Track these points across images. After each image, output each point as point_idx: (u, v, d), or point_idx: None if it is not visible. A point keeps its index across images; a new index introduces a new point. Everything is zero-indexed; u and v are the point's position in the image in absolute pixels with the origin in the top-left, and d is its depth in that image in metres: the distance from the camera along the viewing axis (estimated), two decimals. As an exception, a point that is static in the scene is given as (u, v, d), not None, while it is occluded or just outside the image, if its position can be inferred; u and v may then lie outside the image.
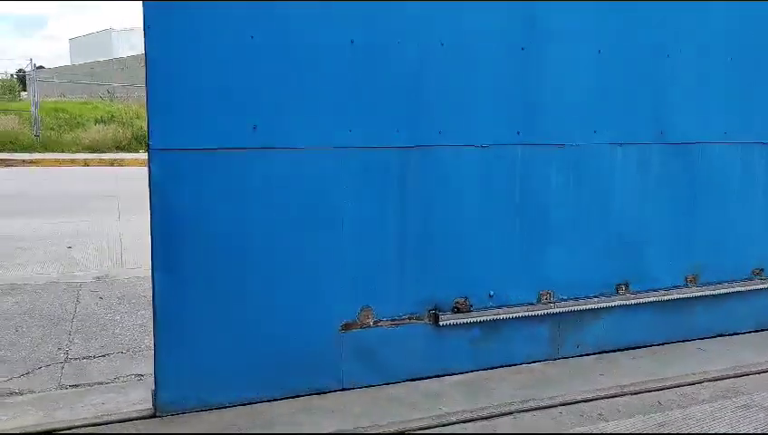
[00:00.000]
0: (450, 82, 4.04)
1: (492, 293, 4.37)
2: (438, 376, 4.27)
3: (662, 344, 4.92)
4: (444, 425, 3.71)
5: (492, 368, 4.43)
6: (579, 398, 4.04)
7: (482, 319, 4.32)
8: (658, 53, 4.57)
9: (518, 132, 4.26)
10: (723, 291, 5.01)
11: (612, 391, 4.14)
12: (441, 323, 4.21)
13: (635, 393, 4.14)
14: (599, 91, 4.43)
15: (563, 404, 3.97)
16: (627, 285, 4.77)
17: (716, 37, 4.74)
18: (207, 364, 3.74)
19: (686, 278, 4.94)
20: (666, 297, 4.84)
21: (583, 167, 4.50)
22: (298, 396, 3.95)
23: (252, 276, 3.76)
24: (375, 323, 4.09)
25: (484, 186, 4.23)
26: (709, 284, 4.98)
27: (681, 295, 4.89)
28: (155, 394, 3.68)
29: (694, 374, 4.40)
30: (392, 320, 4.14)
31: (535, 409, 3.91)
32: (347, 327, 4.02)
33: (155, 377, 3.67)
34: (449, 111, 4.07)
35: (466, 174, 4.17)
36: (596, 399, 4.05)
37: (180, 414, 3.70)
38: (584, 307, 4.61)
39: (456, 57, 4.03)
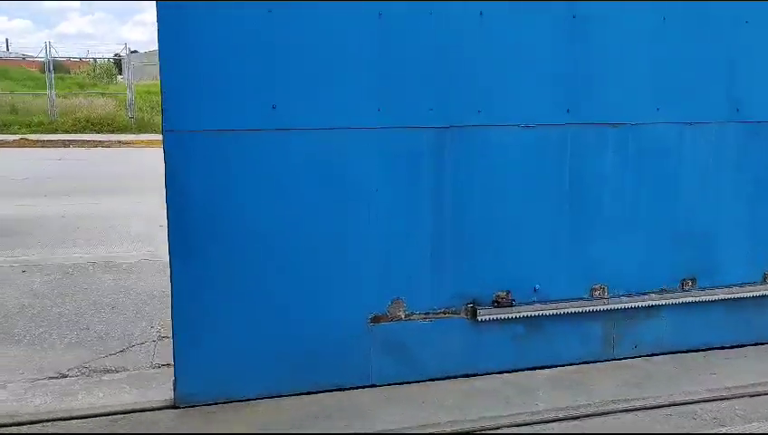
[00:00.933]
0: (490, 56, 3.68)
1: (537, 287, 4.00)
2: (472, 375, 3.96)
3: (735, 347, 4.40)
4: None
5: (537, 368, 4.07)
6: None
7: (525, 314, 3.98)
8: (735, 20, 4.02)
9: (567, 110, 3.85)
10: (808, 289, 4.44)
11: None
12: (479, 319, 3.89)
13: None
14: (663, 63, 3.95)
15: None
16: (694, 281, 4.29)
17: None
18: (228, 355, 3.59)
19: (765, 274, 4.39)
20: (739, 295, 4.33)
21: (644, 149, 4.04)
22: (324, 391, 3.74)
23: (273, 264, 3.57)
24: (407, 316, 3.83)
25: (529, 170, 3.85)
26: (792, 280, 4.42)
27: (757, 293, 4.35)
28: (174, 386, 3.56)
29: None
30: (425, 313, 3.86)
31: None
32: (376, 320, 3.78)
33: (174, 368, 3.55)
34: (489, 88, 3.71)
35: (509, 157, 3.81)
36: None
37: (199, 406, 3.57)
38: (643, 304, 4.17)
39: (495, 28, 3.66)
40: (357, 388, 3.80)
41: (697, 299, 4.26)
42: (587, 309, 4.08)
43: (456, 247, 3.82)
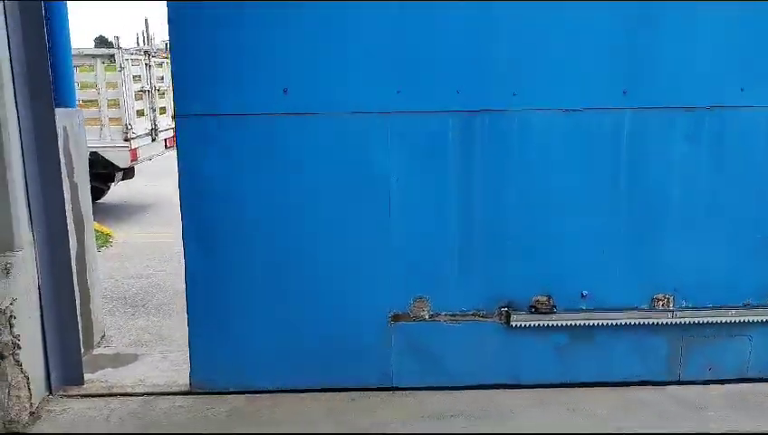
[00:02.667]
0: (526, 28, 3.24)
1: (585, 292, 3.53)
2: (510, 386, 3.59)
3: None
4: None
5: (585, 384, 3.62)
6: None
7: (569, 323, 3.53)
8: None
9: (624, 92, 3.31)
10: None
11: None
12: (513, 324, 3.51)
13: None
14: (746, 31, 3.27)
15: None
16: (790, 296, 3.57)
17: None
18: (243, 345, 3.53)
19: None
20: None
21: (726, 136, 3.39)
22: (344, 389, 3.57)
23: (287, 254, 3.42)
24: (431, 316, 3.54)
25: (575, 160, 3.38)
26: None
27: None
28: (190, 372, 3.57)
29: None
30: (452, 314, 3.54)
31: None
32: (397, 318, 3.53)
33: (189, 354, 3.55)
34: (525, 66, 3.27)
35: (551, 145, 3.36)
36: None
37: (214, 394, 3.55)
38: (719, 320, 3.54)
39: (532, -2, 3.21)
40: (378, 389, 3.59)
41: (793, 319, 3.55)
42: (646, 321, 3.54)
43: (486, 245, 3.45)
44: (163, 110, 10.33)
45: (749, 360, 3.65)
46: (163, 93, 10.32)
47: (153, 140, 9.85)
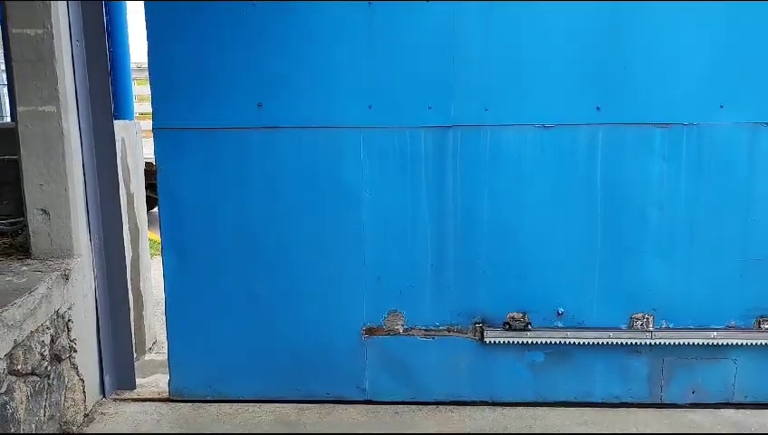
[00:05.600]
0: (498, 43, 3.25)
1: (561, 310, 3.49)
2: (486, 403, 3.56)
3: (836, 407, 3.49)
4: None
5: (563, 403, 3.56)
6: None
7: (544, 340, 3.49)
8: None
9: (598, 108, 3.29)
10: None
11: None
12: (487, 341, 3.48)
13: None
14: (728, 48, 3.22)
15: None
16: (777, 319, 3.46)
17: None
18: (219, 355, 3.59)
19: None
20: (842, 342, 3.42)
21: (704, 154, 3.33)
22: (318, 401, 3.59)
23: (260, 267, 3.48)
24: (405, 330, 3.54)
25: (550, 176, 3.36)
26: None
27: None
28: (169, 380, 3.64)
29: None
30: (426, 329, 3.54)
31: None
32: (371, 332, 3.54)
33: (168, 363, 3.62)
34: (499, 81, 3.28)
35: (524, 161, 3.35)
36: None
37: (191, 402, 3.61)
38: (700, 342, 3.45)
39: (505, 14, 3.22)
40: (351, 402, 3.60)
41: (779, 342, 3.44)
42: (625, 341, 3.47)
43: (460, 260, 3.45)
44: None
45: (734, 383, 3.54)
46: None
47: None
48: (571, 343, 3.48)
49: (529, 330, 3.49)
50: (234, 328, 3.55)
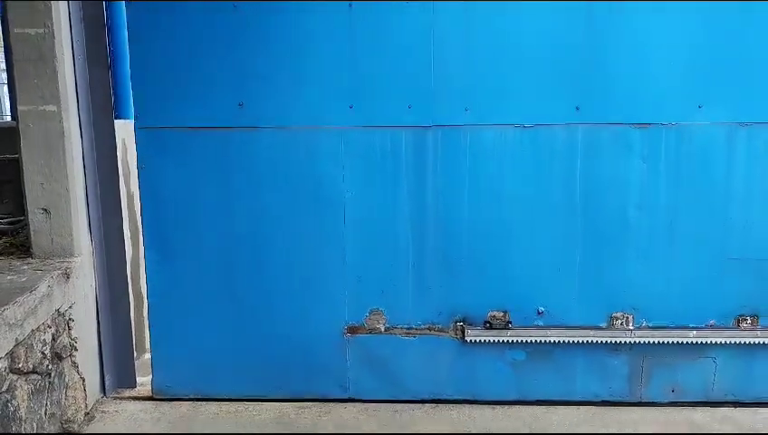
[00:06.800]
0: (478, 43, 3.27)
1: (542, 309, 3.51)
2: (469, 401, 3.58)
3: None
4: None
5: (545, 402, 3.58)
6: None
7: (524, 339, 3.50)
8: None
9: (577, 108, 3.31)
10: None
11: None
12: (468, 340, 3.50)
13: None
14: (706, 47, 3.24)
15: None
16: (756, 318, 3.48)
17: None
18: (202, 354, 3.61)
19: None
20: (820, 340, 3.44)
21: (683, 155, 3.35)
22: (301, 400, 3.61)
23: (242, 266, 3.50)
24: (387, 329, 3.56)
25: (529, 175, 3.38)
26: None
27: None
28: (152, 378, 3.65)
29: None
30: (408, 328, 3.56)
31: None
32: (353, 330, 3.56)
33: (151, 361, 3.64)
34: (479, 81, 3.30)
35: (504, 161, 3.37)
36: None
37: (173, 401, 3.63)
38: (679, 340, 3.47)
39: (481, 15, 3.24)
40: (334, 400, 3.62)
41: (758, 341, 3.46)
42: (604, 340, 3.49)
43: (441, 259, 3.47)
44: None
45: (714, 382, 3.56)
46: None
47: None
48: (552, 341, 3.50)
49: (509, 329, 3.51)
50: (216, 327, 3.57)
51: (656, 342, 3.48)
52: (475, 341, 3.50)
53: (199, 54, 3.31)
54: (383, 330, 3.56)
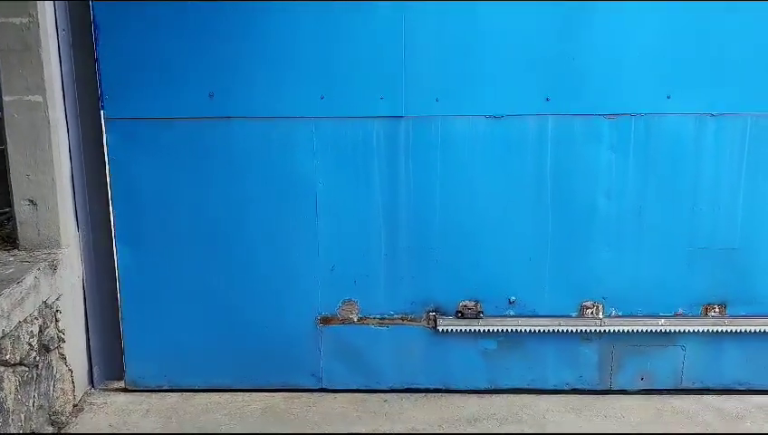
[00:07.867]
0: (449, 33, 3.27)
1: (513, 298, 3.54)
2: (440, 390, 3.61)
3: (781, 391, 3.58)
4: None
5: (517, 390, 3.61)
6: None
7: (495, 328, 3.53)
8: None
9: (547, 99, 3.33)
10: None
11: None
12: (440, 329, 3.52)
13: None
14: (676, 38, 3.26)
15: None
16: (723, 307, 3.53)
17: None
18: (174, 345, 3.60)
19: (828, 304, 3.51)
20: (785, 328, 3.49)
21: (651, 145, 3.38)
22: (275, 390, 3.62)
23: (214, 257, 3.50)
24: (360, 319, 3.57)
25: (500, 165, 3.40)
26: None
27: (812, 327, 3.49)
28: (124, 370, 3.64)
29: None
30: (381, 318, 3.57)
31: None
32: (326, 321, 3.57)
33: (122, 353, 3.63)
34: (450, 72, 3.31)
35: (475, 152, 3.39)
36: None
37: (146, 392, 3.62)
38: (648, 329, 3.52)
39: (450, 5, 3.25)
40: (308, 391, 3.63)
41: (725, 329, 3.51)
42: (575, 329, 3.53)
43: (413, 249, 3.49)
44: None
45: (682, 370, 3.61)
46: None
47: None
48: (523, 330, 3.53)
49: (481, 318, 3.54)
50: (189, 318, 3.57)
51: (625, 330, 3.52)
52: (447, 330, 3.53)
53: (168, 45, 3.29)
54: (356, 320, 3.57)
